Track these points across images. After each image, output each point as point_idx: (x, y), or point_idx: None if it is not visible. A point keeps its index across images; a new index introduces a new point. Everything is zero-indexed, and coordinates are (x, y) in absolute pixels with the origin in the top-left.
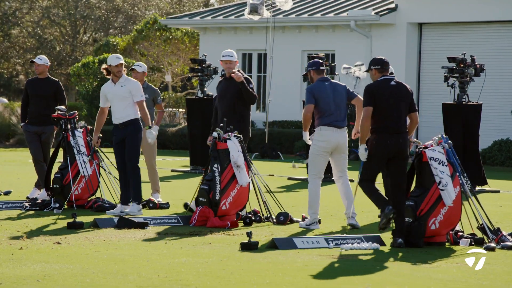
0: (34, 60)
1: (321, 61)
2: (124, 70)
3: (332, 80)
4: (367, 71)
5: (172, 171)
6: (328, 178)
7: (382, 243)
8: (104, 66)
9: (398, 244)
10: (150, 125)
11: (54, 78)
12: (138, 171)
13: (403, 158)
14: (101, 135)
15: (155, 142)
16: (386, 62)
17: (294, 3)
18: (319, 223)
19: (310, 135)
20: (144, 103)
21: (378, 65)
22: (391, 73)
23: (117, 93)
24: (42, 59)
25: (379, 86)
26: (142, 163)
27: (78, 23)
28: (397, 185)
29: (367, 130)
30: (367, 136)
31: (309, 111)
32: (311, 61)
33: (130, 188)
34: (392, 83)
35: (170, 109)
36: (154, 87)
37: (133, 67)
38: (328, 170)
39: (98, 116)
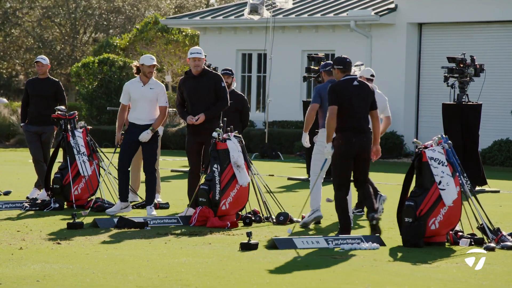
0: (39, 60)
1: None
2: (155, 73)
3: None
4: (329, 69)
5: (172, 171)
6: (328, 178)
7: (382, 243)
8: (135, 63)
9: (371, 217)
10: (157, 129)
11: (54, 78)
12: (156, 174)
13: (367, 158)
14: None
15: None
16: (349, 62)
17: (294, 3)
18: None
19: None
20: (167, 109)
21: (341, 64)
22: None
23: (145, 94)
24: (46, 59)
25: (343, 85)
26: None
27: (78, 23)
28: (361, 181)
29: (333, 129)
30: (333, 135)
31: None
32: (325, 62)
33: (148, 191)
34: (355, 82)
35: (170, 109)
36: None
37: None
38: (329, 171)
39: (120, 113)
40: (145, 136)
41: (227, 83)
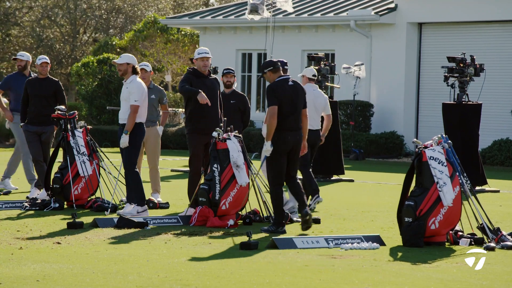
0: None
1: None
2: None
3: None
4: (262, 76)
5: (172, 171)
6: (328, 178)
7: (382, 243)
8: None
9: (304, 212)
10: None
11: (54, 78)
12: (126, 174)
13: (298, 154)
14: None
15: (159, 142)
16: (276, 62)
17: (294, 3)
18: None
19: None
20: (136, 108)
21: (270, 66)
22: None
23: (122, 93)
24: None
25: (279, 85)
26: (144, 162)
27: (78, 22)
28: (293, 177)
29: (273, 128)
30: (272, 134)
31: None
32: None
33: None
34: (290, 83)
35: (170, 109)
36: (160, 87)
37: (142, 67)
38: (329, 171)
39: None
40: (122, 142)
41: (229, 82)
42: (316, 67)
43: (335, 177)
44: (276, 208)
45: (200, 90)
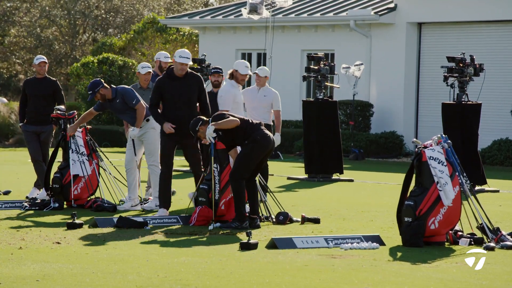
0: (44, 60)
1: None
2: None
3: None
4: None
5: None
6: (328, 178)
7: (381, 243)
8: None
9: (257, 225)
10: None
11: (52, 78)
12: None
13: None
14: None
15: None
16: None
17: (293, 3)
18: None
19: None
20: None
21: (198, 123)
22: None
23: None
24: (45, 58)
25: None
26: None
27: (77, 22)
28: (254, 176)
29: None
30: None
31: None
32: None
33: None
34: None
35: None
36: None
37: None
38: (328, 170)
39: None
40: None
41: (217, 81)
42: (316, 67)
43: (334, 177)
44: (240, 203)
45: (164, 121)
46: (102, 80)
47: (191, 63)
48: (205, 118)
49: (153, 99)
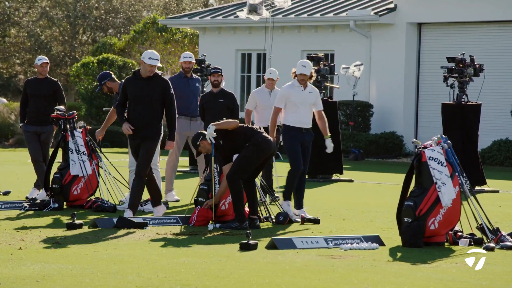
0: (46, 60)
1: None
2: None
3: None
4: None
5: None
6: (327, 178)
7: (381, 243)
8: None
9: (257, 226)
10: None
11: (53, 78)
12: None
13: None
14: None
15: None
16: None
17: (293, 3)
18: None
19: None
20: None
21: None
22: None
23: None
24: (47, 59)
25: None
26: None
27: (77, 23)
28: (253, 178)
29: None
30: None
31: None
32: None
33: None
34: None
35: None
36: None
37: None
38: (328, 171)
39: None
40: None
41: (216, 81)
42: (316, 67)
43: (334, 177)
44: (240, 203)
45: (125, 121)
46: (111, 72)
47: (159, 64)
48: (205, 132)
49: (119, 98)
